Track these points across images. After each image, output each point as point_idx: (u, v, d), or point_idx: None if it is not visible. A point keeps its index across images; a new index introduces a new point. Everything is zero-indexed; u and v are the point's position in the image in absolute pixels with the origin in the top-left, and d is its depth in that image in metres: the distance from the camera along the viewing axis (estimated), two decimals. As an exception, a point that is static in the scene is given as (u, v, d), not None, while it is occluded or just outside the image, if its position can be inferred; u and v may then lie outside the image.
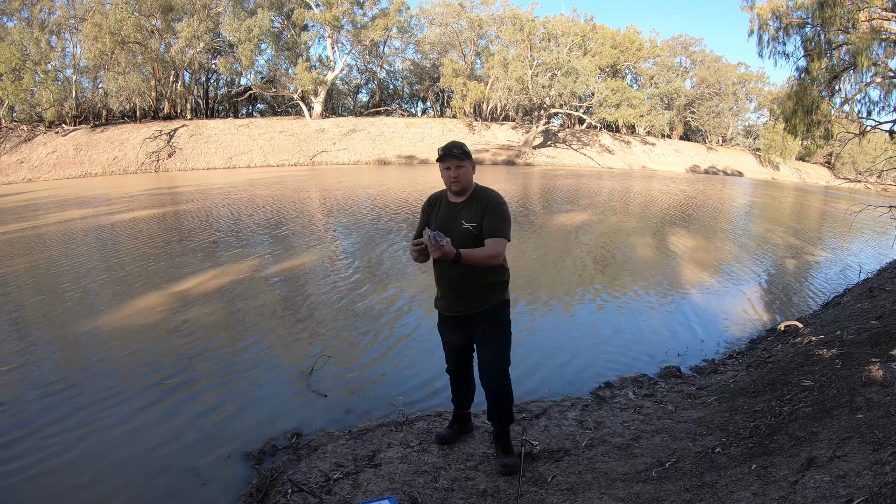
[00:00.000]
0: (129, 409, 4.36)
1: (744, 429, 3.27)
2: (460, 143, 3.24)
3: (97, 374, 5.00)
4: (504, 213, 3.19)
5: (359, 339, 6.01)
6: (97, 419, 4.18)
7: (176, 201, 17.26)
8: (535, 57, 40.09)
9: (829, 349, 4.50)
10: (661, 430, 3.67)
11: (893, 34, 13.05)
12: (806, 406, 3.32)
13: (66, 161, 27.32)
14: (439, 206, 3.35)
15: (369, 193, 19.55)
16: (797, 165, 48.56)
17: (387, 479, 3.18)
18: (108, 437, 3.95)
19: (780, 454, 2.78)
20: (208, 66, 39.42)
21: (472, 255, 3.02)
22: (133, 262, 8.94)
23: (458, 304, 3.32)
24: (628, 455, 3.28)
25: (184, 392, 4.67)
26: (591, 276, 8.96)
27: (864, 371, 3.59)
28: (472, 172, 3.25)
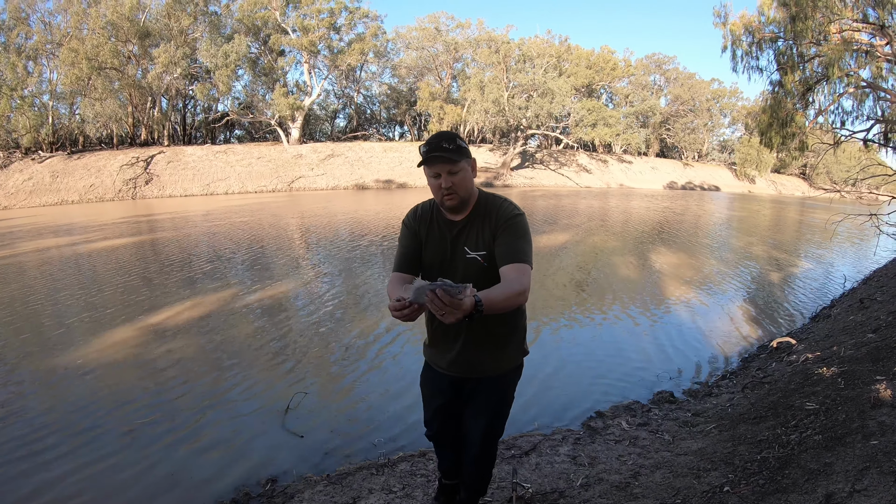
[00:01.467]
0: (93, 454, 4.03)
1: (751, 462, 3.04)
2: (452, 133, 2.22)
3: (60, 416, 4.64)
4: (524, 230, 2.26)
5: (337, 373, 5.70)
6: (55, 466, 3.85)
7: (153, 229, 16.89)
8: (511, 79, 40.33)
9: (828, 367, 4.30)
10: (660, 464, 3.43)
11: (864, 45, 13.21)
12: (815, 433, 3.10)
13: (42, 188, 26.79)
14: (430, 226, 2.40)
15: (348, 219, 19.28)
16: (773, 178, 49.20)
17: (367, 533, 2.91)
18: (64, 487, 3.62)
19: (794, 491, 2.55)
20: (185, 92, 39.13)
21: (495, 301, 1.97)
22: (110, 293, 8.58)
23: (461, 364, 2.44)
24: (629, 496, 3.03)
25: (153, 434, 4.34)
26: (574, 299, 8.75)
27: (870, 391, 3.39)
28: (472, 176, 2.29)
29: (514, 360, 2.50)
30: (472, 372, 2.46)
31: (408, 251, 2.42)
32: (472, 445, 2.59)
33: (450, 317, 1.79)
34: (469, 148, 2.28)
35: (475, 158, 2.32)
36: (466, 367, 2.44)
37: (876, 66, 13.26)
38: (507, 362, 2.46)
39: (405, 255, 2.42)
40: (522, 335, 2.51)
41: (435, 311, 1.80)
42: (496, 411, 2.53)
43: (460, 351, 2.40)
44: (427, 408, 2.73)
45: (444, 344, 2.46)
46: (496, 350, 2.41)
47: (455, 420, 2.66)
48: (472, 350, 2.39)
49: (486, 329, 2.30)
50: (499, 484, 3.33)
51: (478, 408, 2.53)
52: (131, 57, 34.35)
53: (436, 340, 2.49)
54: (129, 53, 34.10)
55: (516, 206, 2.33)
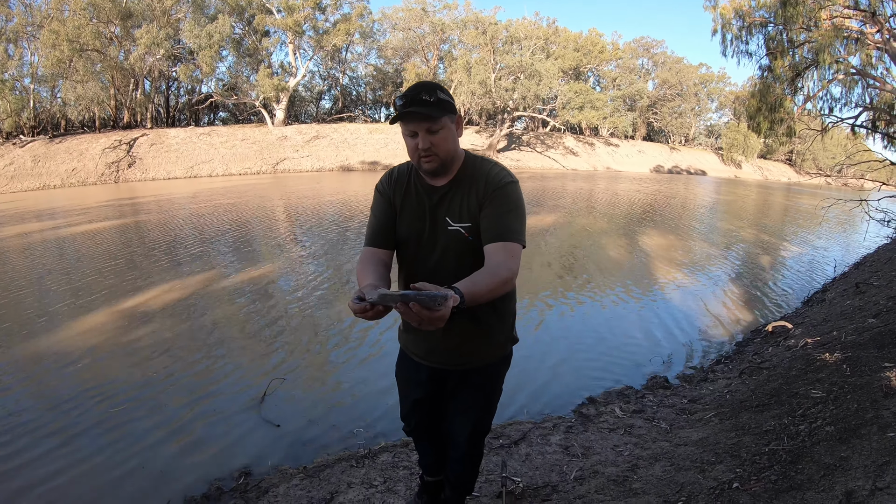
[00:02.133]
0: (59, 445, 3.77)
1: (759, 455, 2.82)
2: (433, 83, 1.85)
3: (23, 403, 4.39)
4: (516, 201, 1.95)
5: (317, 358, 5.45)
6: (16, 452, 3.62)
7: (137, 212, 16.47)
8: (497, 60, 39.88)
9: (831, 353, 4.11)
10: (659, 455, 3.21)
11: (855, 32, 13.09)
12: (826, 424, 2.90)
13: (23, 173, 26.13)
14: (406, 191, 2.05)
15: (334, 201, 18.94)
16: (759, 163, 49.31)
17: (345, 532, 2.68)
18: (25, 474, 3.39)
19: (810, 488, 2.34)
20: (168, 73, 38.33)
21: (479, 294, 1.66)
22: (92, 277, 8.25)
23: (441, 353, 2.14)
24: (627, 491, 2.80)
25: (121, 424, 4.07)
26: (562, 281, 8.54)
27: (881, 379, 3.20)
28: (457, 135, 1.94)
29: (503, 350, 2.19)
30: (455, 363, 2.15)
31: (382, 222, 2.07)
32: (458, 446, 2.30)
33: (428, 327, 1.48)
34: (454, 101, 1.93)
35: (461, 114, 1.98)
36: (448, 357, 2.14)
37: (866, 53, 13.18)
38: (494, 352, 2.16)
39: (378, 227, 2.06)
40: (512, 321, 2.19)
41: (409, 322, 1.49)
42: (483, 407, 2.23)
43: (441, 339, 2.06)
44: (404, 401, 2.42)
45: (422, 334, 2.12)
46: (482, 338, 2.09)
47: (437, 413, 2.36)
48: (455, 338, 2.04)
49: (470, 314, 1.81)
50: (486, 477, 3.11)
51: (462, 404, 2.23)
52: (113, 38, 33.38)
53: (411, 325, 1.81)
54: (111, 35, 33.16)
55: (508, 173, 2.01)
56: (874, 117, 13.90)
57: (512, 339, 2.22)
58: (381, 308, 1.54)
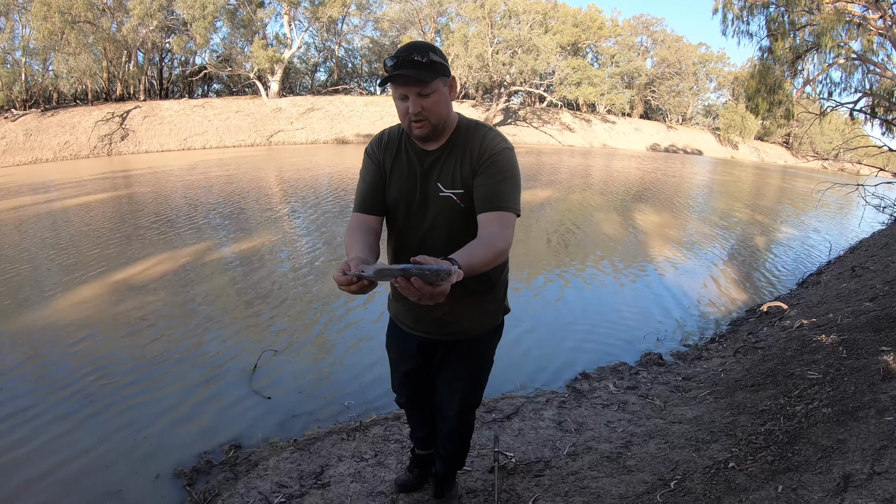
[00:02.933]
0: (48, 418, 3.70)
1: (755, 435, 2.79)
2: (426, 44, 1.76)
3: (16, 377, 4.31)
4: (511, 168, 1.87)
5: (309, 330, 5.39)
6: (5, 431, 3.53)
7: (129, 185, 16.26)
8: (495, 34, 39.38)
9: (827, 335, 4.09)
10: (653, 432, 3.18)
11: (857, 17, 12.96)
12: (823, 406, 2.87)
13: (15, 147, 25.70)
14: (396, 155, 1.98)
15: (328, 173, 18.78)
16: (756, 145, 49.13)
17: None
18: (16, 453, 3.31)
19: (807, 470, 2.31)
20: (162, 45, 37.53)
21: (476, 265, 1.57)
22: (84, 249, 8.10)
23: (430, 323, 2.07)
24: (621, 469, 2.78)
25: (111, 395, 4.00)
26: (557, 256, 8.49)
27: (878, 363, 3.17)
28: (450, 98, 1.85)
29: (494, 320, 2.11)
30: (444, 333, 2.07)
31: (371, 187, 1.99)
32: (447, 419, 2.26)
33: (427, 302, 1.39)
34: (448, 63, 1.82)
35: (455, 77, 1.85)
36: (437, 326, 2.05)
37: (867, 39, 13.08)
38: (485, 322, 2.08)
39: (367, 193, 1.99)
40: (503, 291, 2.11)
41: (408, 293, 1.38)
42: (473, 379, 2.18)
43: (429, 308, 1.83)
44: (394, 372, 2.37)
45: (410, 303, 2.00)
46: (472, 307, 2.02)
47: (428, 386, 2.31)
48: (443, 306, 1.78)
49: (461, 284, 1.51)
50: (479, 451, 3.07)
51: (452, 376, 2.16)
52: (105, 10, 32.61)
53: (400, 293, 1.86)
54: (103, 6, 32.37)
55: (503, 138, 1.91)
56: (873, 103, 13.86)
57: (504, 309, 2.15)
58: (367, 283, 1.45)
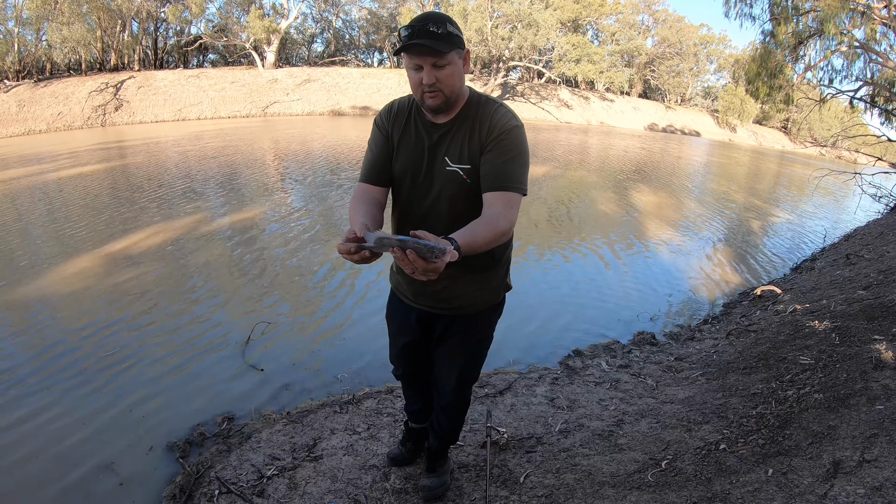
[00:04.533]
0: (37, 391, 3.68)
1: (746, 417, 2.81)
2: (442, 15, 1.73)
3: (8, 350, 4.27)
4: (520, 147, 1.83)
5: (303, 302, 5.38)
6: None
7: (123, 156, 16.08)
8: (495, 8, 38.91)
9: (820, 321, 4.11)
10: (645, 412, 3.20)
11: (861, 5, 12.84)
12: (814, 391, 2.89)
13: (8, 118, 25.30)
14: (405, 126, 1.94)
15: (324, 145, 18.64)
16: (754, 129, 48.97)
17: (329, 477, 2.65)
18: (5, 424, 3.30)
19: (797, 454, 2.34)
20: (157, 14, 36.85)
21: (476, 244, 1.58)
22: (77, 220, 7.99)
23: (430, 297, 2.05)
24: (613, 447, 2.79)
25: (104, 369, 3.98)
26: (552, 233, 8.49)
27: (870, 351, 3.19)
28: (463, 72, 1.82)
29: (495, 297, 2.08)
30: (444, 307, 2.04)
31: (378, 158, 1.96)
32: (444, 394, 2.26)
33: (420, 277, 1.40)
34: (463, 36, 1.80)
35: (468, 50, 1.82)
36: (436, 300, 2.03)
37: (871, 27, 12.98)
38: (485, 298, 2.05)
39: (374, 163, 1.96)
40: (506, 268, 2.10)
41: (404, 265, 1.38)
42: (472, 355, 2.17)
43: (431, 285, 1.93)
44: (393, 344, 2.36)
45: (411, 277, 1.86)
46: (473, 284, 1.99)
47: (426, 359, 2.29)
48: (444, 280, 1.77)
49: (463, 259, 1.54)
50: (471, 427, 3.09)
51: (451, 351, 2.14)
52: (100, -23, 32.13)
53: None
54: (97, -26, 31.88)
55: (514, 115, 1.88)
56: (874, 92, 13.82)
57: (505, 286, 2.14)
58: (368, 253, 1.45)
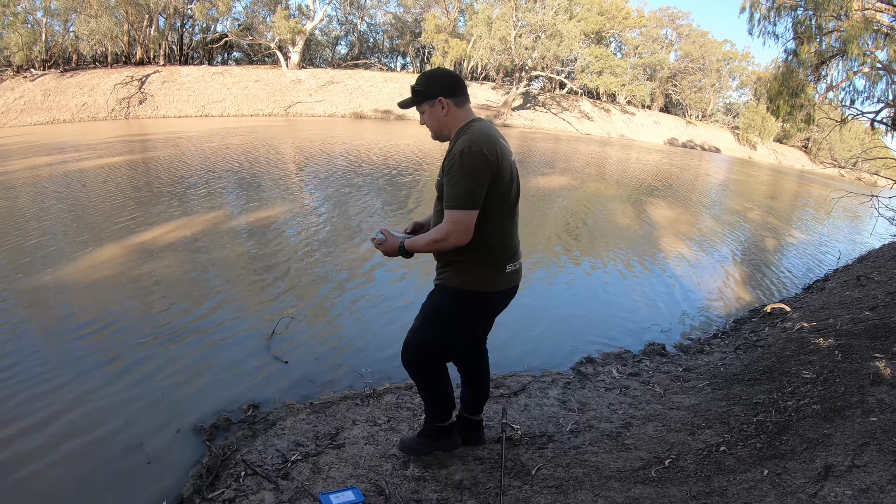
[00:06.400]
0: (70, 371, 3.91)
1: (747, 423, 2.99)
2: (421, 76, 2.42)
3: (39, 332, 4.53)
4: (460, 172, 2.25)
5: (326, 299, 5.60)
6: (33, 382, 3.74)
7: (145, 149, 16.43)
8: (519, 18, 39.10)
9: (825, 338, 4.25)
10: (652, 416, 3.38)
11: (885, 27, 12.88)
12: (813, 402, 3.05)
13: (33, 107, 25.82)
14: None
15: (346, 148, 18.92)
16: (774, 147, 48.75)
17: (350, 464, 2.84)
18: (41, 403, 3.52)
19: (792, 458, 2.50)
20: (184, 10, 37.41)
21: (417, 246, 2.39)
22: (99, 211, 8.29)
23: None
24: (620, 446, 2.98)
25: (131, 355, 4.21)
26: (568, 244, 8.67)
27: (870, 367, 3.34)
28: (441, 113, 2.41)
29: (448, 282, 2.50)
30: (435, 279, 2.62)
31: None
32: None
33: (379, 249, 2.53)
34: (433, 88, 2.40)
35: (442, 99, 2.38)
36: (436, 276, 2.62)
37: (893, 49, 12.97)
38: (443, 279, 2.52)
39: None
40: (463, 269, 2.45)
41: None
42: (420, 317, 2.62)
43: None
44: None
45: None
46: (441, 264, 2.54)
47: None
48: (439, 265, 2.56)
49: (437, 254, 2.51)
50: (487, 423, 3.27)
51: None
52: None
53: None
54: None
55: (467, 143, 2.27)
56: (895, 114, 13.81)
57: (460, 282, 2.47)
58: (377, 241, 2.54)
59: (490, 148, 2.27)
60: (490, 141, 2.30)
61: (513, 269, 2.50)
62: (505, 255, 2.45)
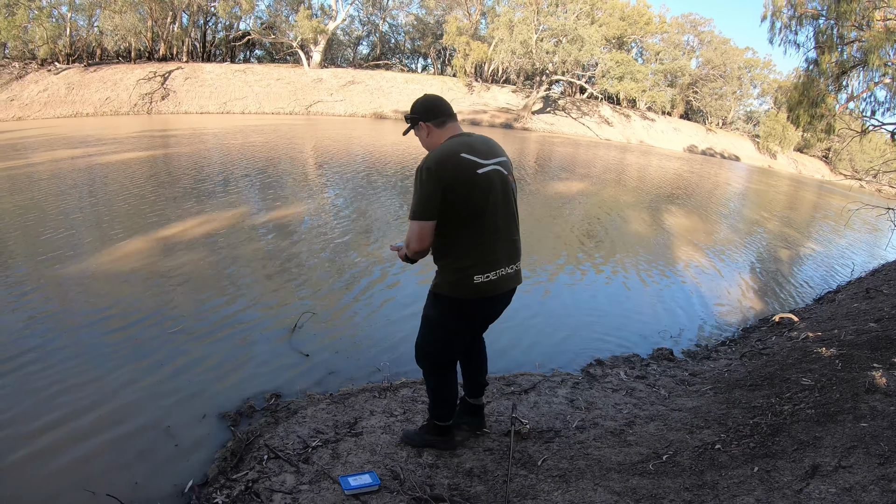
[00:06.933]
0: (102, 361, 4.14)
1: (743, 425, 3.15)
2: (413, 104, 2.77)
3: (72, 322, 4.77)
4: (417, 186, 2.54)
5: (346, 296, 5.83)
6: (67, 372, 3.97)
7: (167, 145, 16.75)
8: (541, 21, 39.17)
9: (827, 348, 4.39)
10: (654, 416, 3.56)
11: (906, 37, 12.85)
12: (808, 407, 3.21)
13: (57, 100, 26.31)
14: None
15: (365, 147, 19.17)
16: (795, 156, 48.34)
17: (368, 451, 3.04)
18: (76, 390, 3.75)
19: (782, 457, 2.67)
20: (207, 8, 37.86)
21: (402, 251, 2.71)
22: (119, 206, 8.58)
23: None
24: (622, 442, 3.16)
25: (160, 345, 4.46)
26: (583, 249, 8.83)
27: (866, 376, 3.48)
28: (424, 135, 2.75)
29: (432, 286, 2.77)
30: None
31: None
32: None
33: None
34: (416, 115, 2.74)
35: (422, 123, 2.72)
36: None
37: (915, 61, 12.96)
38: (434, 282, 2.75)
39: None
40: (440, 273, 2.72)
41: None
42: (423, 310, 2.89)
43: None
44: None
45: None
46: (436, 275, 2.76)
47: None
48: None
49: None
50: (497, 418, 3.46)
51: None
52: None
53: None
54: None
55: (423, 161, 2.56)
56: (916, 127, 13.75)
57: (441, 286, 2.72)
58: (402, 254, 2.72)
59: (442, 165, 2.51)
60: (446, 159, 2.53)
61: (485, 280, 2.60)
62: (475, 263, 2.59)
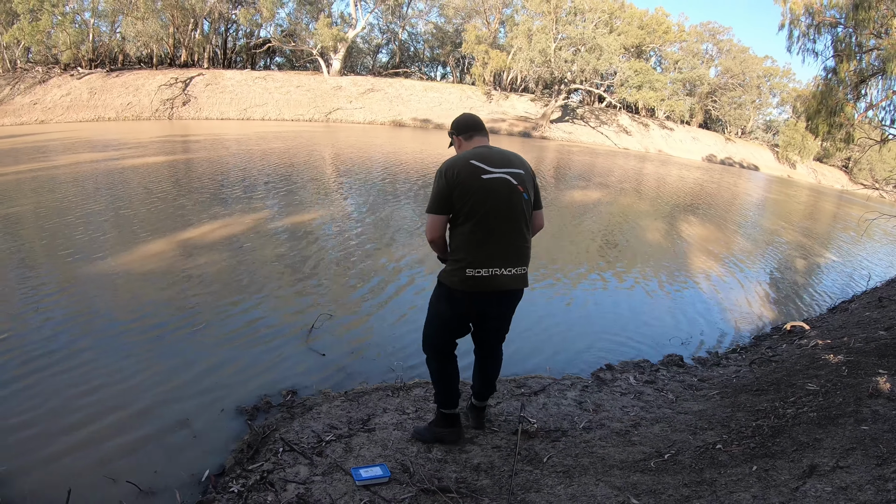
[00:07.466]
0: (124, 355, 4.32)
1: (746, 427, 3.23)
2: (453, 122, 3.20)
3: (95, 319, 4.96)
4: (432, 186, 2.98)
5: (362, 299, 5.97)
6: (90, 365, 4.14)
7: (189, 150, 17.08)
8: (560, 30, 39.26)
9: (835, 355, 4.44)
10: (660, 419, 3.64)
11: (926, 45, 12.77)
12: (810, 411, 3.27)
13: (79, 104, 26.90)
14: None
15: (384, 155, 19.36)
16: (814, 166, 47.88)
17: (380, 445, 3.15)
18: (99, 383, 3.91)
19: (781, 457, 2.74)
20: (228, 15, 38.51)
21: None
22: (141, 209, 8.83)
23: None
24: (627, 442, 3.25)
25: (180, 342, 4.64)
26: (598, 256, 8.92)
27: (871, 382, 3.53)
28: (457, 146, 3.19)
29: (438, 274, 3.06)
30: None
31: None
32: None
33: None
34: (452, 130, 3.19)
35: (454, 136, 3.17)
36: None
37: (934, 69, 12.86)
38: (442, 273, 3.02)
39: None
40: (447, 264, 3.00)
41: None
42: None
43: None
44: None
45: None
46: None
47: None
48: None
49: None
50: (506, 417, 3.57)
51: None
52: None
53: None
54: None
55: (443, 164, 2.92)
56: (936, 137, 13.67)
57: (439, 275, 3.04)
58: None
59: (451, 168, 2.85)
60: (455, 163, 2.88)
61: (475, 275, 2.83)
62: (471, 259, 2.84)
